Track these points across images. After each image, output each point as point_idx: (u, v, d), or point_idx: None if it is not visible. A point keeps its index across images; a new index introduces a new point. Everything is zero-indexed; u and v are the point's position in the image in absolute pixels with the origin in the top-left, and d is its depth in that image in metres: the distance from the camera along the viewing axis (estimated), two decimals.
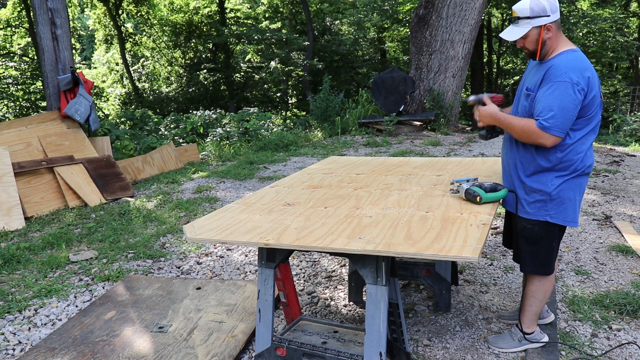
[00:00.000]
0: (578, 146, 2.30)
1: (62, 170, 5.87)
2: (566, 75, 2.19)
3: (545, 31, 2.28)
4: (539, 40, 2.29)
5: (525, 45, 2.35)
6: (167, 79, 22.31)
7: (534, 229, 2.42)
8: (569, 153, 2.30)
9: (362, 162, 3.63)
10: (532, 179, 2.38)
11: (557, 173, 2.33)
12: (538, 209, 2.38)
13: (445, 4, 10.00)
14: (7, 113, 15.84)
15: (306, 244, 2.01)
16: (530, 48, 2.34)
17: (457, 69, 10.36)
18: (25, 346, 2.84)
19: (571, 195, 2.35)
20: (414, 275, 3.08)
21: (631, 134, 10.60)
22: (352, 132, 10.28)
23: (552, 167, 2.33)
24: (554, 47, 2.32)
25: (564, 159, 2.31)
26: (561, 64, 2.23)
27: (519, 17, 2.30)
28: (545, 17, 2.26)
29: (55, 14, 6.78)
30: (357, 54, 21.48)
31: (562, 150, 2.30)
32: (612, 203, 5.21)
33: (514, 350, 2.59)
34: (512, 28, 2.35)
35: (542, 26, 2.27)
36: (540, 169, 2.35)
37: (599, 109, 2.30)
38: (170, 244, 4.44)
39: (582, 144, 2.31)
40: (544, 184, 2.35)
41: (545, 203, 2.36)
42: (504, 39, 2.38)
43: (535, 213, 2.40)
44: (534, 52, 2.34)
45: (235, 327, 2.86)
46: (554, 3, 2.27)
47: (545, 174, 2.35)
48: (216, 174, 6.99)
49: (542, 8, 2.25)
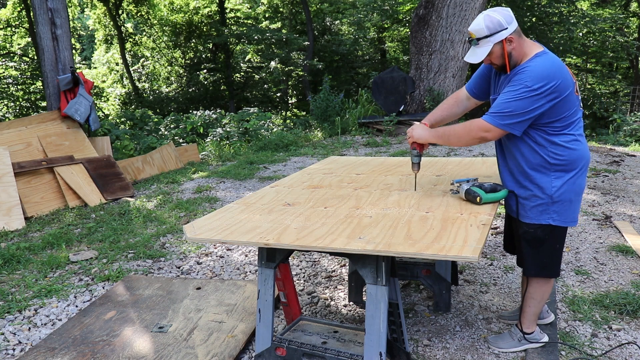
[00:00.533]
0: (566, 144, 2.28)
1: (62, 170, 5.87)
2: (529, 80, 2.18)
3: (508, 43, 2.27)
4: (504, 55, 2.28)
5: (492, 61, 2.35)
6: (167, 79, 22.31)
7: (536, 233, 2.40)
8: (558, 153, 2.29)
9: (362, 162, 3.63)
10: (530, 182, 2.36)
11: (555, 174, 2.31)
12: (539, 212, 2.36)
13: (445, 4, 10.00)
14: (7, 113, 15.84)
15: (306, 244, 2.01)
16: (498, 63, 2.34)
17: (457, 69, 10.36)
18: (25, 346, 2.84)
19: (572, 196, 2.34)
20: (414, 275, 3.08)
21: (631, 134, 10.60)
22: (352, 132, 10.27)
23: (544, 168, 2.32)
24: (522, 55, 2.30)
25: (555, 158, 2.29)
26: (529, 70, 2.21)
27: (478, 38, 2.29)
28: (503, 30, 2.25)
29: (55, 14, 6.78)
30: (357, 54, 21.48)
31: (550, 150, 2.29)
32: (612, 203, 5.21)
33: (514, 350, 2.59)
34: (473, 50, 2.33)
35: (503, 40, 2.26)
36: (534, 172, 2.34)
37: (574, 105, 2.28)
38: (170, 244, 4.44)
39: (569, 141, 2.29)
40: (542, 187, 2.33)
41: (548, 206, 2.34)
42: (471, 62, 2.36)
43: (537, 217, 2.37)
44: (502, 66, 2.34)
45: (235, 327, 2.86)
46: (507, 14, 2.26)
47: (542, 177, 2.33)
48: (216, 174, 6.99)
49: (498, 23, 2.25)
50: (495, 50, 2.29)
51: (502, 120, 2.24)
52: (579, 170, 2.33)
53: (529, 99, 2.18)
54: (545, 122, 2.27)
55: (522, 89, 2.19)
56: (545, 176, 2.32)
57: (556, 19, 15.96)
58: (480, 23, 2.27)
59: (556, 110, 2.24)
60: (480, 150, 8.16)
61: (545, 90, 2.17)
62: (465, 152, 8.00)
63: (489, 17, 2.25)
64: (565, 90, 2.21)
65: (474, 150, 8.12)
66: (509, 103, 2.22)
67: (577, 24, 15.60)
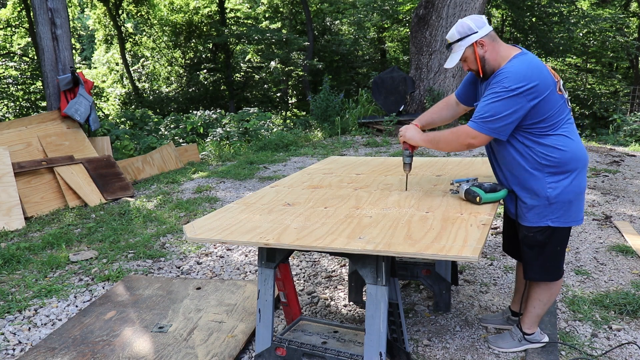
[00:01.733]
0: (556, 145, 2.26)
1: (62, 170, 5.87)
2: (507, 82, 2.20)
3: (479, 47, 2.32)
4: (477, 58, 2.34)
5: (469, 67, 2.41)
6: (167, 79, 22.31)
7: (535, 237, 2.38)
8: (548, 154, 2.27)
9: (362, 162, 3.63)
10: (524, 186, 2.35)
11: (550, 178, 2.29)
12: (537, 215, 2.34)
13: (445, 4, 10.00)
14: (7, 113, 15.85)
15: (306, 244, 2.01)
16: (474, 68, 2.39)
17: (457, 69, 10.36)
18: (25, 346, 2.84)
19: (571, 197, 2.30)
20: (414, 275, 3.08)
21: (631, 134, 10.60)
22: (352, 132, 10.27)
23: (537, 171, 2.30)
24: (498, 60, 2.32)
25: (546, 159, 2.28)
26: (505, 71, 2.23)
27: (451, 43, 2.39)
28: (473, 34, 2.32)
29: (55, 14, 6.78)
30: (357, 54, 21.49)
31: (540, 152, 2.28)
32: (612, 203, 5.21)
33: (514, 350, 2.59)
34: (450, 56, 2.41)
35: (474, 43, 2.32)
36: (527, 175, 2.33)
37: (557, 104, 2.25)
38: (170, 244, 4.44)
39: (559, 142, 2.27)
40: (537, 190, 2.31)
41: (545, 208, 2.32)
42: (447, 67, 2.45)
43: (535, 220, 2.36)
44: (477, 70, 2.38)
45: (235, 327, 2.86)
46: (478, 19, 2.34)
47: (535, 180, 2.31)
48: (216, 174, 6.99)
49: (467, 27, 2.33)
50: (469, 54, 2.35)
51: (486, 125, 2.25)
52: (576, 171, 2.30)
53: (508, 100, 2.19)
54: (530, 124, 2.26)
55: (501, 91, 2.20)
56: (538, 179, 2.30)
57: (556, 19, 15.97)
58: (453, 29, 2.37)
59: (538, 110, 2.23)
60: (480, 150, 8.17)
61: (524, 90, 2.17)
62: (465, 152, 8.00)
63: (460, 23, 2.36)
64: (545, 90, 2.21)
65: (473, 150, 8.13)
66: (489, 106, 2.23)
67: (577, 24, 15.61)
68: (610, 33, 16.48)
